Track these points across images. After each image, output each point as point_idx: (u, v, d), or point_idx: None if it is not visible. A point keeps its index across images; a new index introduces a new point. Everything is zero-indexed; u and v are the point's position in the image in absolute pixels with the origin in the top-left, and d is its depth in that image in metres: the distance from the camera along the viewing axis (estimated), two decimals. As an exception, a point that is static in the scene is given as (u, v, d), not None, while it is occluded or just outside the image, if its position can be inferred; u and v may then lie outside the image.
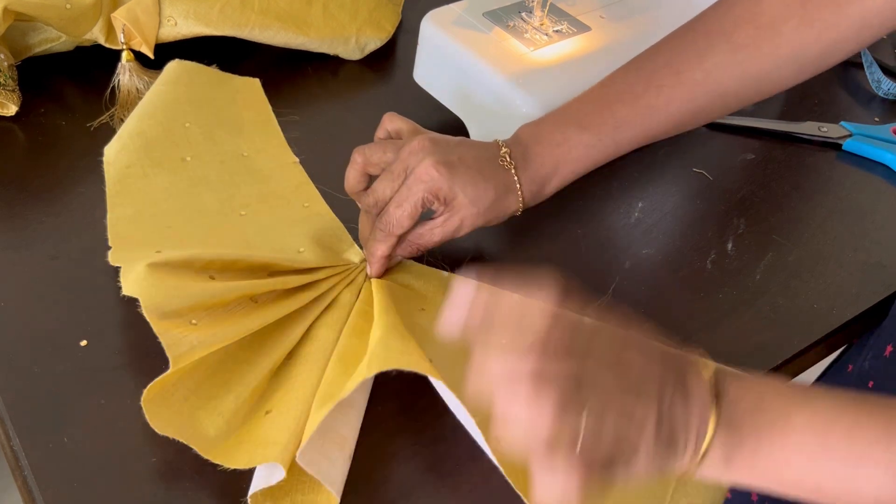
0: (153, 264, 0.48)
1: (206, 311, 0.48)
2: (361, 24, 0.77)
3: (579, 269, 0.62)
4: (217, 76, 0.70)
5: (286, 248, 0.57)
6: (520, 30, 0.69)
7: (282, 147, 0.66)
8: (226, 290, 0.49)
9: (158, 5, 0.70)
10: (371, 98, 0.76)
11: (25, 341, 0.51)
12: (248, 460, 0.44)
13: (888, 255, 0.65)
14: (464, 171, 0.53)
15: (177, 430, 0.44)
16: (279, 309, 0.51)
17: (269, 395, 0.49)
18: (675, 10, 0.74)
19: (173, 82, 0.66)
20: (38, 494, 0.44)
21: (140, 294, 0.46)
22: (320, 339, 0.51)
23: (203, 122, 0.64)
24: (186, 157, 0.61)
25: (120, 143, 0.61)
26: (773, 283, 0.62)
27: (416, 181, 0.52)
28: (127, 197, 0.57)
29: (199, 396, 0.46)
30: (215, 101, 0.67)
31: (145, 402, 0.44)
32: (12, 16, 0.65)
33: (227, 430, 0.46)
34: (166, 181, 0.59)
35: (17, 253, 0.57)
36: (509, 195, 0.56)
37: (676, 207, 0.68)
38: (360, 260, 0.57)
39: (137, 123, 0.62)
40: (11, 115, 0.67)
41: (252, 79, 0.71)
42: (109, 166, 0.59)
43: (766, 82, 0.58)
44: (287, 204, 0.61)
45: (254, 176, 0.62)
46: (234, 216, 0.59)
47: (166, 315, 0.46)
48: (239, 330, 0.48)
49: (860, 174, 0.74)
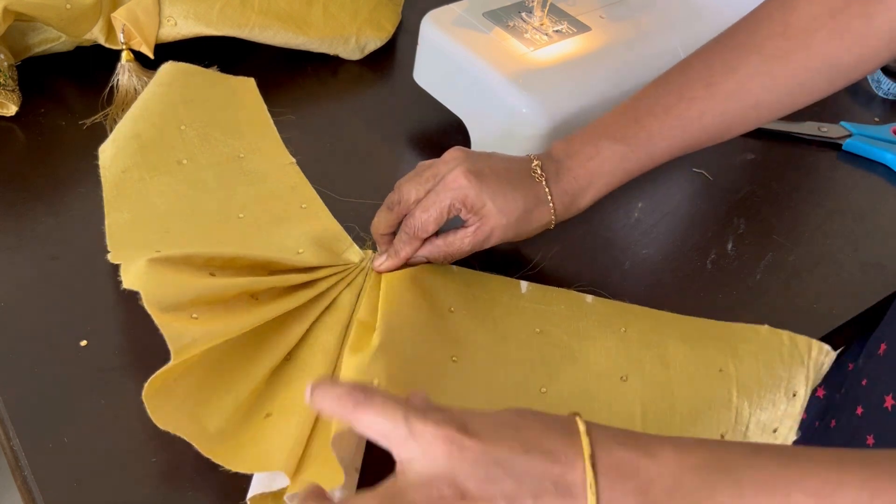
0: (154, 259, 0.48)
1: (207, 306, 0.48)
2: (361, 24, 0.77)
3: (579, 268, 0.62)
4: (212, 77, 0.70)
5: (285, 249, 0.57)
6: (520, 30, 0.69)
7: (278, 148, 0.66)
8: (226, 286, 0.49)
9: (158, 5, 0.70)
10: (371, 98, 0.76)
11: (25, 341, 0.51)
12: (251, 465, 0.44)
13: (888, 255, 0.65)
14: (494, 180, 0.54)
15: (178, 425, 0.44)
16: (279, 306, 0.51)
17: (269, 397, 0.48)
18: (675, 10, 0.74)
19: (168, 84, 0.66)
20: (38, 494, 0.44)
21: (141, 287, 0.46)
22: (320, 343, 0.51)
23: (198, 124, 0.64)
24: (183, 160, 0.61)
25: (115, 146, 0.60)
26: (773, 283, 0.62)
27: (444, 188, 0.53)
28: (124, 201, 0.57)
29: (200, 394, 0.46)
30: (210, 102, 0.67)
31: (147, 396, 0.44)
32: (12, 16, 0.65)
33: (227, 429, 0.46)
34: (163, 185, 0.59)
35: (17, 253, 0.57)
36: (540, 207, 0.56)
37: (676, 207, 0.68)
38: (360, 259, 0.57)
39: (133, 126, 0.62)
40: (11, 115, 0.67)
41: (247, 78, 0.71)
42: (105, 170, 0.59)
43: (799, 93, 0.58)
44: (285, 205, 0.61)
45: (250, 177, 0.62)
46: (233, 219, 0.59)
47: (167, 308, 0.46)
48: (239, 325, 0.48)
49: (860, 174, 0.74)
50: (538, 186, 0.56)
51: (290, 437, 0.45)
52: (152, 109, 0.64)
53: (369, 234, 0.58)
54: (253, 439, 0.45)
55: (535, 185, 0.56)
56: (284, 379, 0.50)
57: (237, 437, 0.46)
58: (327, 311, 0.53)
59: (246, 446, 0.45)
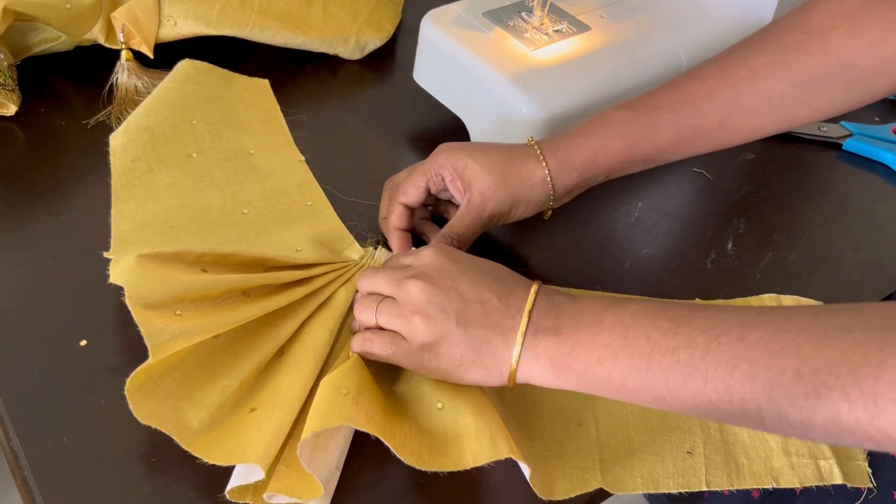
0: (143, 255, 0.48)
1: (193, 303, 0.48)
2: (361, 24, 0.77)
3: (579, 268, 0.62)
4: (227, 76, 0.70)
5: (285, 247, 0.57)
6: (520, 29, 0.69)
7: (288, 145, 0.66)
8: (215, 282, 0.50)
9: (158, 5, 0.70)
10: (371, 98, 0.76)
11: (25, 341, 0.51)
12: (227, 457, 0.44)
13: (888, 255, 0.65)
14: (477, 146, 0.57)
15: (160, 420, 0.44)
16: (270, 303, 0.51)
17: (256, 392, 0.49)
18: (675, 10, 0.74)
19: (183, 80, 0.67)
20: (38, 494, 0.44)
21: (126, 283, 0.47)
22: (312, 340, 0.51)
23: (210, 120, 0.65)
24: (192, 154, 0.62)
25: (127, 136, 0.61)
26: (773, 283, 0.62)
27: (427, 160, 0.57)
28: (131, 191, 0.58)
29: (186, 388, 0.47)
30: (224, 100, 0.68)
31: (129, 390, 0.44)
32: (12, 15, 0.65)
33: (211, 424, 0.46)
34: (171, 177, 0.60)
35: (17, 253, 0.57)
36: (530, 162, 0.56)
37: (676, 207, 0.68)
38: (360, 257, 0.57)
39: (145, 118, 0.63)
40: (11, 115, 0.67)
41: (261, 79, 0.71)
42: (115, 158, 0.60)
43: (814, 90, 0.56)
44: (290, 202, 0.61)
45: (258, 173, 0.63)
46: (237, 214, 0.59)
47: (150, 305, 0.46)
48: (226, 322, 0.48)
49: (860, 174, 0.74)
50: (527, 147, 0.56)
51: (269, 431, 0.45)
52: (165, 103, 0.64)
53: (370, 233, 0.58)
54: (232, 432, 0.46)
55: (524, 146, 0.56)
56: (272, 374, 0.50)
57: (218, 430, 0.46)
58: (321, 309, 0.53)
59: (224, 439, 0.45)
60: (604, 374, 0.43)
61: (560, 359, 0.44)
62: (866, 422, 0.35)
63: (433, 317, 0.46)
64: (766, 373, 0.38)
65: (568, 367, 0.44)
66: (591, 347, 0.43)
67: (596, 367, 0.43)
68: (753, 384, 0.38)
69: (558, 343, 0.44)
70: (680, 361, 0.41)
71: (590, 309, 0.45)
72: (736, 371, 0.39)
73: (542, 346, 0.45)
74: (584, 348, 0.44)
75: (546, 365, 0.45)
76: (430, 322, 0.46)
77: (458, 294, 0.46)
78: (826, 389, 0.36)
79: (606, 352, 0.43)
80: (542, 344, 0.45)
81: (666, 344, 0.41)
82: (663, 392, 0.41)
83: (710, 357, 0.40)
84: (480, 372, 0.46)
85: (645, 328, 0.42)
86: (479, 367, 0.46)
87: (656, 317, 0.43)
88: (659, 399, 0.42)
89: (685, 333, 0.41)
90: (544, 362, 0.45)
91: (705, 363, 0.40)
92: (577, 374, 0.44)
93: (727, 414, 0.40)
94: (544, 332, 0.45)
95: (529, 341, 0.45)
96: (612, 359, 0.43)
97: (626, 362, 0.42)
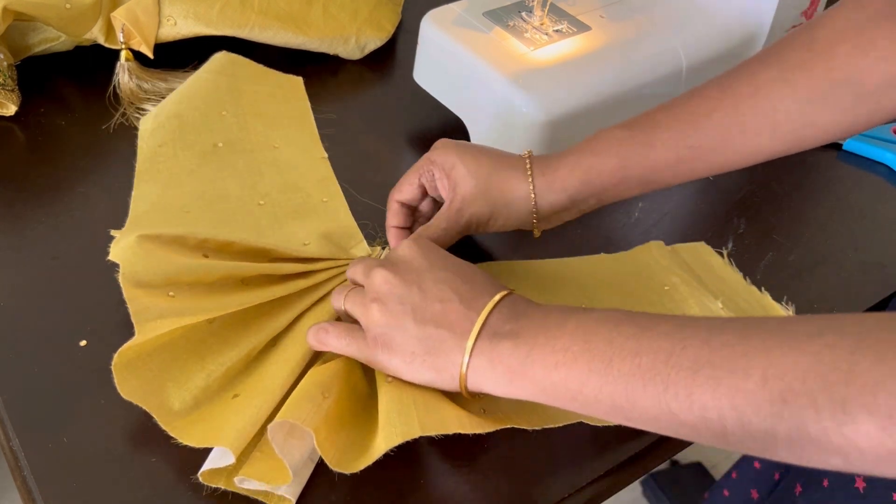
0: (143, 235, 0.49)
1: (188, 286, 0.49)
2: (361, 24, 0.77)
3: (579, 269, 0.62)
4: (261, 70, 0.71)
5: (293, 239, 0.57)
6: (520, 29, 0.69)
7: (313, 141, 0.67)
8: (212, 267, 0.50)
9: (158, 5, 0.70)
10: (371, 98, 0.76)
11: (25, 341, 0.51)
12: (200, 439, 0.44)
13: (888, 255, 0.65)
14: (469, 147, 0.56)
15: (143, 397, 0.45)
16: (267, 293, 0.51)
17: (242, 379, 0.49)
18: (675, 10, 0.74)
19: (217, 71, 0.68)
20: (38, 494, 0.44)
21: (122, 260, 0.47)
22: (304, 334, 0.51)
23: (240, 112, 0.66)
24: (218, 143, 0.63)
25: (156, 121, 0.62)
26: (773, 284, 0.62)
27: (425, 155, 0.57)
28: (154, 174, 0.59)
29: (173, 369, 0.47)
30: (256, 93, 0.69)
31: (116, 366, 0.45)
32: (12, 15, 0.65)
33: (193, 406, 0.46)
34: (194, 164, 0.61)
35: (17, 253, 0.57)
36: (515, 174, 0.55)
37: (676, 207, 0.68)
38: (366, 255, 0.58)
39: (176, 106, 0.64)
40: (11, 115, 0.67)
41: (295, 76, 0.72)
42: (143, 142, 0.61)
43: (820, 107, 0.54)
44: (307, 197, 0.62)
45: (279, 167, 0.64)
46: (253, 205, 0.60)
47: (142, 284, 0.47)
48: (218, 307, 0.48)
49: (860, 174, 0.74)
50: (518, 160, 0.56)
51: (245, 417, 0.45)
52: (197, 93, 0.65)
53: (378, 233, 0.59)
54: (211, 416, 0.46)
55: (516, 158, 0.56)
56: (262, 363, 0.50)
57: (199, 412, 0.46)
58: (319, 303, 0.54)
59: (201, 422, 0.46)
60: (560, 379, 0.42)
61: (516, 364, 0.43)
62: (833, 429, 0.34)
63: (390, 307, 0.46)
64: (730, 377, 0.36)
65: (523, 374, 0.43)
66: (549, 351, 0.42)
67: (553, 372, 0.42)
68: (716, 389, 0.37)
69: (515, 347, 0.43)
70: (641, 366, 0.39)
71: (554, 314, 0.44)
72: (698, 375, 0.37)
73: (497, 350, 0.43)
74: (542, 352, 0.42)
75: (500, 370, 0.43)
76: (386, 311, 0.46)
77: (419, 289, 0.46)
78: (792, 394, 0.35)
79: (565, 356, 0.41)
80: (498, 348, 0.43)
81: (629, 348, 0.40)
82: (622, 400, 0.40)
83: (672, 360, 0.38)
84: (432, 373, 0.45)
85: (608, 332, 0.41)
86: (431, 367, 0.45)
87: (621, 322, 0.41)
88: (617, 408, 0.40)
89: (649, 337, 0.40)
90: (498, 367, 0.43)
91: (667, 367, 0.38)
92: (532, 380, 0.43)
93: (687, 425, 0.38)
94: (501, 337, 0.44)
95: (484, 345, 0.44)
96: (570, 363, 0.41)
97: (585, 367, 0.41)
